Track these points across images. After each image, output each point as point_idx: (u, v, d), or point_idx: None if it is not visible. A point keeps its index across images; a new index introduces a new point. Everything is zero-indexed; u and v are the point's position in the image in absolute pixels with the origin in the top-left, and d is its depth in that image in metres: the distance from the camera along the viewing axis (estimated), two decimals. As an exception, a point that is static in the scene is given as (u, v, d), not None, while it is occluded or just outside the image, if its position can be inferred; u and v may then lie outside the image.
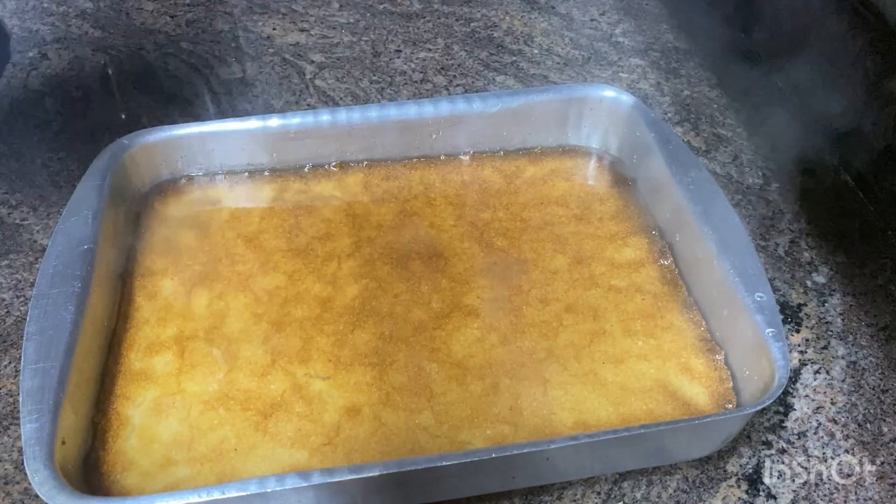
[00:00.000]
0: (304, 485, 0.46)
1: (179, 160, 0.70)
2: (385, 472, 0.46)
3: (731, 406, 0.55)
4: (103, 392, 0.56)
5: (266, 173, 0.71)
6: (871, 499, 0.52)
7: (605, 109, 0.72)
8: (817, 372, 0.59)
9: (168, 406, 0.55)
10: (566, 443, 0.47)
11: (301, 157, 0.71)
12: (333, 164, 0.72)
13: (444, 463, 0.46)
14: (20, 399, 0.49)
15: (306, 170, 0.72)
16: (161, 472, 0.52)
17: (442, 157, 0.73)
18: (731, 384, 0.56)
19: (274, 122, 0.69)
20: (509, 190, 0.71)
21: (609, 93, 0.71)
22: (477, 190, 0.71)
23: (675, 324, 0.60)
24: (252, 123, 0.69)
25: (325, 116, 0.70)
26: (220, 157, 0.70)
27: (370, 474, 0.46)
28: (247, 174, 0.71)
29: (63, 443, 0.49)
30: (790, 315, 0.63)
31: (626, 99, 0.70)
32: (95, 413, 0.54)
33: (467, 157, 0.73)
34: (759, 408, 0.49)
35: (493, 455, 0.46)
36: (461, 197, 0.70)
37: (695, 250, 0.61)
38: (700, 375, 0.57)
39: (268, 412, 0.55)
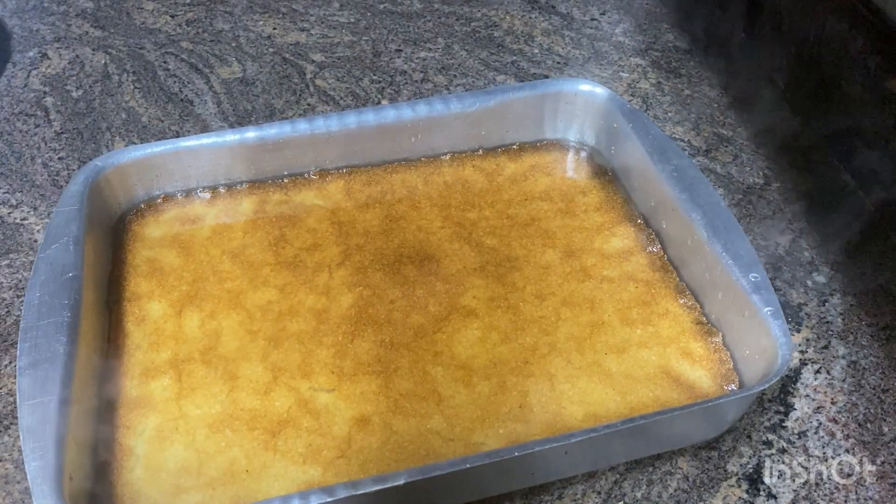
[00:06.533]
0: (329, 500, 0.45)
1: (155, 179, 0.68)
2: (410, 480, 0.45)
3: (734, 386, 0.56)
4: (102, 423, 0.54)
5: (244, 186, 0.70)
6: (871, 499, 0.52)
7: (580, 103, 0.72)
8: (818, 371, 0.60)
9: (171, 432, 0.54)
10: (586, 435, 0.48)
11: (280, 167, 0.70)
12: (313, 172, 0.71)
13: (468, 466, 0.46)
14: (21, 437, 0.47)
15: (285, 180, 0.71)
16: (173, 501, 0.50)
17: (422, 160, 0.72)
18: (732, 364, 0.57)
19: (251, 134, 0.68)
20: (492, 188, 0.71)
21: (584, 86, 0.72)
22: (460, 190, 0.70)
23: (670, 310, 0.61)
24: (228, 137, 0.68)
25: (302, 125, 0.69)
26: (196, 173, 0.69)
27: (395, 483, 0.45)
28: (224, 188, 0.70)
29: (70, 479, 0.47)
30: (790, 315, 0.63)
31: (601, 92, 0.71)
32: (97, 445, 0.52)
33: (447, 158, 0.73)
34: (774, 380, 0.49)
35: (517, 454, 0.46)
36: (445, 198, 0.70)
37: (684, 236, 0.62)
38: (700, 359, 0.58)
39: (275, 430, 0.54)
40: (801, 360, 0.60)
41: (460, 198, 0.70)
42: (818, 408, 0.57)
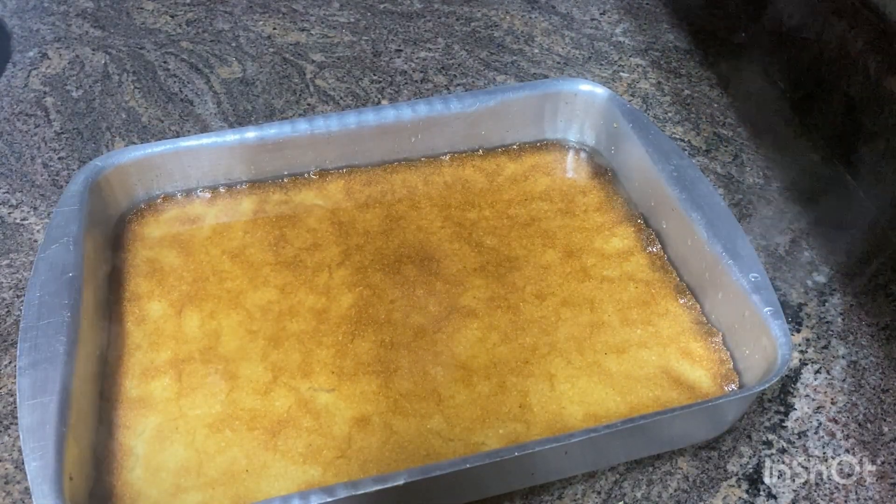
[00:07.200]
0: (329, 500, 0.45)
1: (155, 179, 0.68)
2: (410, 480, 0.45)
3: (734, 386, 0.56)
4: (103, 423, 0.54)
5: (244, 186, 0.70)
6: (871, 499, 0.52)
7: (580, 103, 0.72)
8: (818, 371, 0.59)
9: (171, 432, 0.54)
10: (586, 435, 0.48)
11: (280, 167, 0.70)
12: (313, 172, 0.71)
13: (468, 466, 0.46)
14: (21, 437, 0.47)
15: (285, 180, 0.71)
16: (173, 501, 0.50)
17: (422, 160, 0.72)
18: (732, 364, 0.57)
19: (251, 134, 0.68)
20: (492, 188, 0.71)
21: (584, 86, 0.72)
22: (460, 190, 0.70)
23: (670, 310, 0.61)
24: (228, 137, 0.68)
25: (302, 125, 0.69)
26: (196, 173, 0.69)
27: (395, 483, 0.45)
28: (224, 188, 0.70)
29: (70, 479, 0.47)
30: (790, 315, 0.63)
31: (601, 92, 0.71)
32: (97, 445, 0.52)
33: (447, 158, 0.73)
34: (774, 380, 0.49)
35: (517, 454, 0.46)
36: (445, 198, 0.70)
37: (684, 236, 0.62)
38: (700, 359, 0.58)
39: (275, 430, 0.54)
40: (801, 360, 0.60)
41: (460, 198, 0.70)
42: (818, 408, 0.57)
